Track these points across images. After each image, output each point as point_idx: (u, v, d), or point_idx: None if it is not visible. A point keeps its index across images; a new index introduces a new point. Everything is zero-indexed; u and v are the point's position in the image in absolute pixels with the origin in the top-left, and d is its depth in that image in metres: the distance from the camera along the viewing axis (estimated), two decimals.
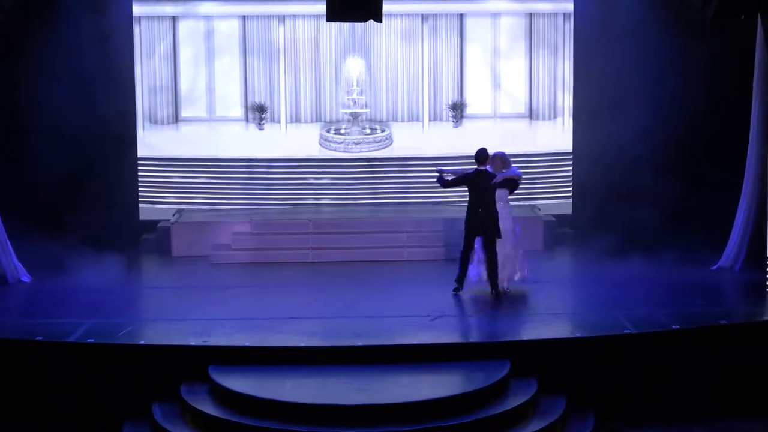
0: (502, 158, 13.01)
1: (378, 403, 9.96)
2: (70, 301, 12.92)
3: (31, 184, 15.34)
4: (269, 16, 16.67)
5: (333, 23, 15.67)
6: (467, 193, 12.92)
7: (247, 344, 11.11)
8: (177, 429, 10.14)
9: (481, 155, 12.84)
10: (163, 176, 16.71)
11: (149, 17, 16.60)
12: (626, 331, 11.37)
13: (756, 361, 11.43)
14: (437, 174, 13.08)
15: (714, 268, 14.07)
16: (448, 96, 16.83)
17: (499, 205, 12.87)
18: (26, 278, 13.91)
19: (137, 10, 16.43)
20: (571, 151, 16.62)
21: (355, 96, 16.78)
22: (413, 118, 16.87)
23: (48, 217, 15.09)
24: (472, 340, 11.31)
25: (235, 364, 10.76)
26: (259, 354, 10.94)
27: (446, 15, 16.73)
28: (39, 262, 14.42)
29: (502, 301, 12.82)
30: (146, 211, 16.60)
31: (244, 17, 16.67)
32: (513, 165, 13.15)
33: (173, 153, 16.75)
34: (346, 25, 16.24)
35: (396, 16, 16.51)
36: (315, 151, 16.78)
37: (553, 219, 16.33)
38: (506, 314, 12.20)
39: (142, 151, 16.60)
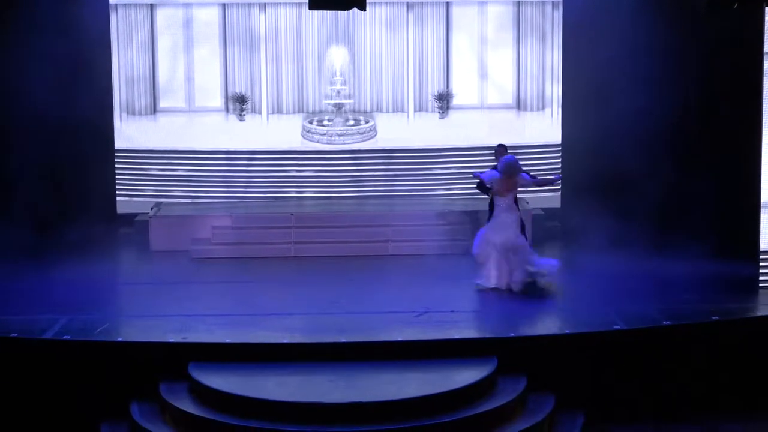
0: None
1: (363, 401, 9.92)
2: (46, 296, 12.79)
3: (4, 176, 15.09)
4: (250, 4, 16.55)
5: (316, 11, 15.53)
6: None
7: (228, 341, 11.06)
8: (156, 428, 10.08)
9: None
10: (141, 168, 16.58)
11: (126, 5, 16.44)
12: (616, 327, 11.33)
13: (749, 358, 11.36)
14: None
15: None
16: (434, 86, 16.73)
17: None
18: None
19: None
20: (559, 142, 16.51)
21: (338, 86, 16.67)
22: (398, 109, 16.78)
23: (22, 210, 14.88)
24: (458, 337, 11.16)
25: (216, 362, 10.70)
26: (241, 351, 10.87)
27: (432, 3, 16.62)
28: (13, 257, 14.24)
29: (490, 297, 12.75)
30: (124, 204, 16.47)
31: (224, 5, 16.54)
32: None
33: (151, 145, 16.62)
34: (329, 13, 16.10)
35: (380, 4, 16.42)
36: (297, 142, 16.67)
37: (542, 212, 16.24)
38: (493, 310, 12.11)
39: (119, 143, 16.47)
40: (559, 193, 16.54)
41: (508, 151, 13.74)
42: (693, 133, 15.49)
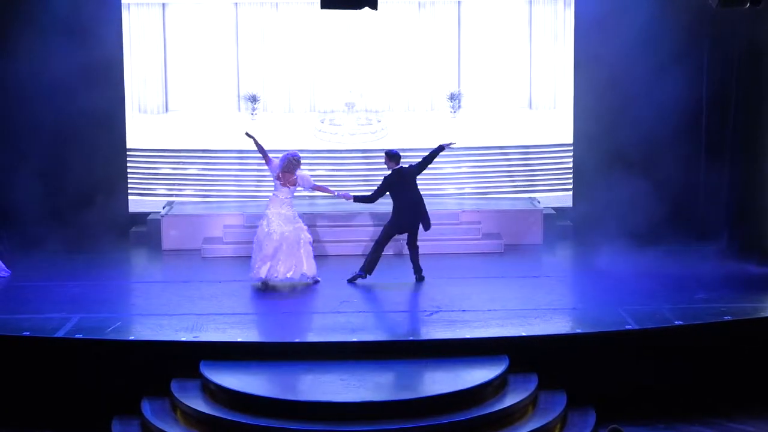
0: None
1: (374, 399, 9.92)
2: (58, 295, 12.82)
3: (16, 175, 15.11)
4: (262, 3, 16.50)
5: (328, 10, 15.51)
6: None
7: (239, 340, 11.02)
8: (167, 426, 10.10)
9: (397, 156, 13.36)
10: (152, 167, 16.54)
11: (138, 4, 16.39)
12: (628, 326, 11.30)
13: (762, 358, 11.29)
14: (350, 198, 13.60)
15: None
16: (446, 85, 16.63)
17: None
18: (5, 273, 13.73)
19: None
20: (571, 141, 16.45)
21: (350, 86, 16.59)
22: (410, 108, 16.72)
23: (34, 209, 14.91)
24: (469, 336, 11.13)
25: (228, 360, 10.68)
26: (252, 350, 10.86)
27: (443, 1, 16.55)
28: (24, 255, 14.27)
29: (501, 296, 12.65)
30: (135, 203, 16.42)
31: (236, 4, 16.50)
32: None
33: (163, 144, 16.57)
34: (341, 12, 16.01)
35: (392, 2, 16.30)
36: (309, 142, 16.60)
37: (553, 212, 16.17)
38: (505, 310, 12.07)
39: (130, 142, 16.42)
40: (571, 192, 16.49)
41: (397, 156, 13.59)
42: (706, 132, 15.48)
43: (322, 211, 15.83)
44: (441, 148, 13.57)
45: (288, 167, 13.29)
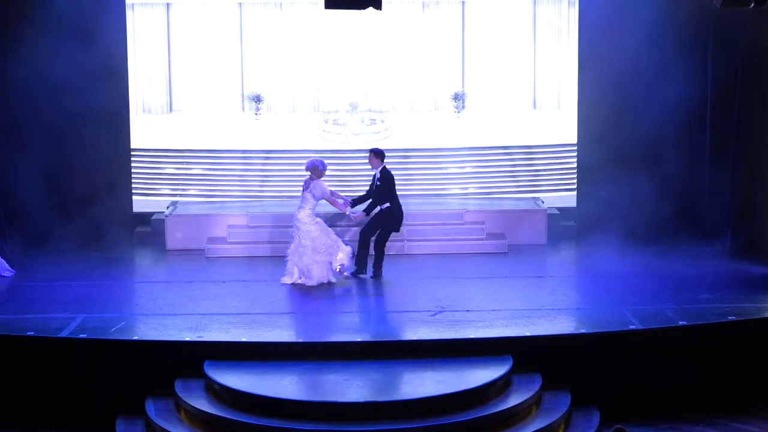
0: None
1: (377, 400, 9.94)
2: (62, 295, 12.82)
3: (20, 175, 15.12)
4: (266, 3, 16.51)
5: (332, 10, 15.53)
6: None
7: (243, 340, 11.06)
8: (171, 426, 10.11)
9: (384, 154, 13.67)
10: (156, 167, 16.55)
11: (142, 4, 16.41)
12: (632, 326, 11.29)
13: (765, 358, 11.26)
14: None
15: None
16: (450, 85, 16.63)
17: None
18: (9, 273, 13.73)
19: None
20: (575, 141, 16.45)
21: (354, 86, 16.60)
22: (414, 108, 16.73)
23: (39, 208, 14.91)
24: (473, 336, 11.13)
25: (231, 360, 10.69)
26: (256, 350, 10.88)
27: (447, 1, 16.55)
28: (28, 255, 14.27)
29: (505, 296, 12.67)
30: (139, 203, 16.43)
31: (240, 4, 16.51)
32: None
33: (167, 144, 16.57)
34: (344, 12, 16.03)
35: (396, 2, 16.30)
36: (313, 142, 16.60)
37: (557, 212, 16.17)
38: (509, 310, 12.07)
39: (135, 142, 16.43)
40: (575, 192, 16.48)
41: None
42: (710, 132, 15.46)
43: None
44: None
45: (311, 171, 13.37)
